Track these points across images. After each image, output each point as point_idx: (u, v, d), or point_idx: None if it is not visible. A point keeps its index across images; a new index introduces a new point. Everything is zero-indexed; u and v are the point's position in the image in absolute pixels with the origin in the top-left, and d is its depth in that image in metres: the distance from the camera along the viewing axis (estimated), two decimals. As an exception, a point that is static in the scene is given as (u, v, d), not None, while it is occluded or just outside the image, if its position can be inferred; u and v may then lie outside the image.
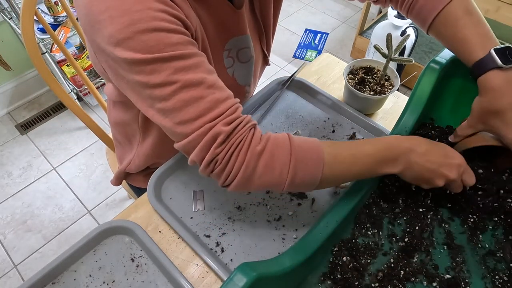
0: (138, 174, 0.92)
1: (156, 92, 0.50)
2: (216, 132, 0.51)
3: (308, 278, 0.57)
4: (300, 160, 0.53)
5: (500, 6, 1.67)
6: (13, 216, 1.62)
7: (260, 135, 0.54)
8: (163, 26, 0.48)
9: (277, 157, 0.53)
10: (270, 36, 0.78)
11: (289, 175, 0.53)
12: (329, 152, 0.55)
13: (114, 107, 0.80)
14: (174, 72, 0.49)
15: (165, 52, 0.48)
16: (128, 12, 0.47)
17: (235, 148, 0.52)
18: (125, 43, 0.47)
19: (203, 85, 0.50)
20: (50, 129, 1.94)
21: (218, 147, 0.51)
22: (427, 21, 0.63)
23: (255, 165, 0.52)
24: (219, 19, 0.63)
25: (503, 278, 0.57)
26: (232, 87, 0.74)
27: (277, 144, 0.54)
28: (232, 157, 0.52)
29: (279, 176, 0.53)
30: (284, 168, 0.53)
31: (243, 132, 0.53)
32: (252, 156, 0.52)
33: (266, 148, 0.53)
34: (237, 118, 0.53)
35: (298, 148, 0.54)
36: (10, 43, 1.83)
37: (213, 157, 0.52)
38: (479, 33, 0.58)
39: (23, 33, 0.82)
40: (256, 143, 0.53)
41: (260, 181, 0.54)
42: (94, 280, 0.62)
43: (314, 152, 0.54)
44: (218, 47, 0.67)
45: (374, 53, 1.98)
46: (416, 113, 0.67)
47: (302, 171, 0.54)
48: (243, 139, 0.52)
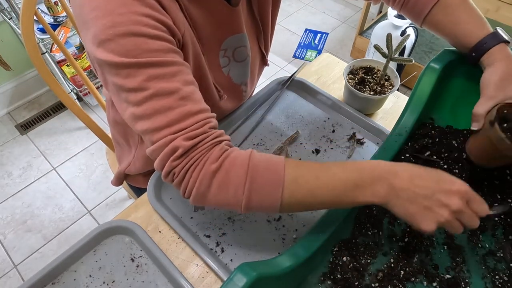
0: (138, 174, 0.92)
1: (130, 96, 0.50)
2: (175, 146, 0.50)
3: (308, 278, 0.57)
4: (256, 182, 0.50)
5: (500, 6, 1.67)
6: (13, 216, 1.62)
7: (221, 153, 0.52)
8: (144, 31, 0.48)
9: (232, 177, 0.50)
10: (268, 35, 0.77)
11: (244, 196, 0.50)
12: (291, 173, 0.51)
13: (113, 108, 0.80)
14: (148, 79, 0.48)
15: (141, 58, 0.48)
16: (111, 13, 0.47)
17: (192, 164, 0.51)
18: (106, 44, 0.47)
19: (175, 95, 0.50)
20: (50, 129, 1.94)
21: (175, 160, 0.51)
22: (423, 12, 0.66)
23: (208, 184, 0.51)
24: (215, 18, 0.62)
25: (503, 278, 0.57)
26: (227, 85, 0.74)
27: (234, 163, 0.51)
28: (188, 173, 0.51)
29: (234, 197, 0.51)
30: (239, 189, 0.50)
31: (203, 148, 0.51)
32: (206, 175, 0.50)
33: (222, 167, 0.51)
34: (202, 134, 0.51)
35: (255, 168, 0.50)
36: (10, 43, 1.83)
37: (170, 169, 0.51)
38: (477, 15, 0.62)
39: (23, 33, 0.82)
40: (212, 161, 0.51)
41: (215, 200, 0.52)
42: (94, 280, 0.62)
43: (273, 173, 0.51)
44: (214, 47, 0.67)
45: (374, 53, 1.98)
46: (416, 113, 0.67)
47: (258, 194, 0.50)
48: (201, 156, 0.51)
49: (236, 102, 0.82)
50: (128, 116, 0.52)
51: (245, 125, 0.85)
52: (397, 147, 0.66)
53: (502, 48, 0.59)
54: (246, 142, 0.81)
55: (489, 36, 0.60)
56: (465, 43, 0.63)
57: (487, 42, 0.60)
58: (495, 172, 0.65)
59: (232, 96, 0.78)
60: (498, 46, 0.59)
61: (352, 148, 0.79)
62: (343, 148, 0.80)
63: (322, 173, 0.51)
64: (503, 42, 0.59)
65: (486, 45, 0.60)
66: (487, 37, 0.60)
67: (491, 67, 0.59)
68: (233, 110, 0.85)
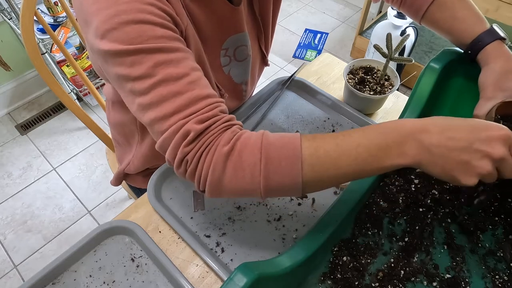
0: (138, 175, 0.92)
1: (136, 85, 0.48)
2: (186, 130, 0.47)
3: (308, 278, 0.57)
4: (272, 159, 0.47)
5: (500, 6, 1.67)
6: (13, 217, 1.62)
7: (233, 135, 0.49)
8: (149, 19, 0.47)
9: (246, 158, 0.47)
10: (268, 35, 0.77)
11: (262, 177, 0.47)
12: (308, 147, 0.47)
13: (113, 108, 0.81)
14: (154, 65, 0.47)
15: (147, 44, 0.47)
16: (115, 3, 0.46)
17: (205, 148, 0.48)
18: (109, 34, 0.47)
19: (183, 81, 0.48)
20: (50, 130, 1.94)
21: (188, 145, 0.48)
22: (421, 9, 0.67)
23: (223, 167, 0.48)
24: (217, 17, 0.62)
25: (503, 277, 0.57)
26: (228, 85, 0.74)
27: (247, 143, 0.48)
28: (201, 158, 0.48)
29: (251, 179, 0.47)
30: (255, 168, 0.47)
31: (216, 131, 0.49)
32: (219, 157, 0.47)
33: (235, 149, 0.48)
34: (214, 116, 0.49)
35: (269, 146, 0.47)
36: (10, 44, 1.83)
37: (183, 156, 0.49)
38: (474, 12, 0.62)
39: (23, 34, 0.82)
40: (225, 143, 0.48)
41: (231, 185, 0.48)
42: (94, 280, 0.62)
43: (289, 148, 0.47)
44: (215, 46, 0.67)
45: (374, 53, 1.98)
46: (416, 113, 0.67)
47: (276, 171, 0.47)
48: (213, 140, 0.48)
49: (236, 102, 0.82)
50: (136, 108, 0.50)
51: (245, 125, 0.85)
52: (397, 147, 0.66)
53: (498, 45, 0.59)
54: (246, 142, 0.81)
55: (485, 33, 0.60)
56: (461, 41, 0.63)
57: (482, 40, 0.60)
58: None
59: (233, 95, 0.78)
60: (493, 44, 0.59)
61: (352, 148, 0.79)
62: (343, 148, 0.80)
63: (342, 141, 0.47)
64: (498, 39, 0.59)
65: (481, 42, 0.60)
66: (482, 34, 0.60)
67: (487, 66, 0.59)
68: (234, 109, 0.85)
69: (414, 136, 0.44)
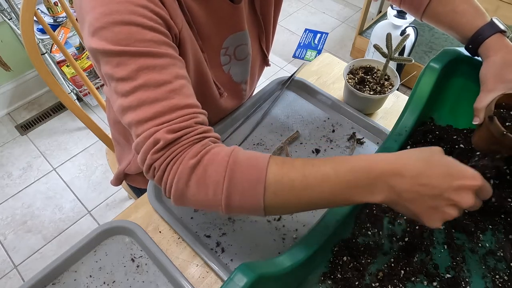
0: (138, 175, 0.92)
1: (119, 86, 0.49)
2: (157, 138, 0.48)
3: (308, 278, 0.57)
4: (235, 180, 0.46)
5: (499, 6, 1.67)
6: (13, 217, 1.62)
7: (202, 149, 0.49)
8: (139, 21, 0.48)
9: (210, 174, 0.47)
10: (270, 34, 0.77)
11: (224, 196, 0.46)
12: (275, 172, 0.46)
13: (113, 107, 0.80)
14: (138, 68, 0.48)
15: (133, 47, 0.47)
16: (109, 2, 0.47)
17: (172, 159, 0.48)
18: (100, 32, 0.47)
19: (163, 88, 0.49)
20: (50, 130, 1.94)
21: (156, 153, 0.48)
22: (422, 5, 0.67)
23: (186, 180, 0.48)
24: (217, 16, 0.62)
25: (504, 277, 0.57)
26: (228, 84, 0.74)
27: (214, 159, 0.47)
28: (168, 167, 0.49)
29: (213, 196, 0.47)
30: (218, 187, 0.47)
31: (186, 142, 0.49)
32: (184, 170, 0.47)
33: (201, 163, 0.47)
34: (185, 128, 0.49)
35: (235, 166, 0.47)
36: (10, 44, 1.83)
37: (151, 162, 0.49)
38: (475, 6, 0.63)
39: (23, 34, 0.82)
40: (192, 156, 0.48)
41: (194, 199, 0.49)
42: (94, 281, 0.62)
43: (254, 170, 0.46)
44: (215, 45, 0.67)
45: (374, 52, 1.98)
46: (416, 113, 0.67)
47: (238, 193, 0.46)
48: (182, 151, 0.48)
49: (236, 101, 0.82)
50: (117, 107, 0.51)
51: (245, 125, 0.85)
52: (397, 147, 0.66)
53: (498, 38, 0.59)
54: (246, 142, 0.81)
55: (485, 27, 0.60)
56: (462, 35, 0.63)
57: (483, 33, 0.60)
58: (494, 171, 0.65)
59: (232, 94, 0.78)
60: (494, 37, 0.59)
61: (352, 148, 0.79)
62: (343, 148, 0.80)
63: (309, 173, 0.46)
64: (499, 32, 0.59)
65: (482, 36, 0.60)
66: (483, 27, 0.60)
67: (488, 59, 0.59)
68: (233, 109, 0.85)
69: (385, 179, 0.44)
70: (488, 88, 0.58)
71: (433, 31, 2.12)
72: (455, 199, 0.42)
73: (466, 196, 0.43)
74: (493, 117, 0.54)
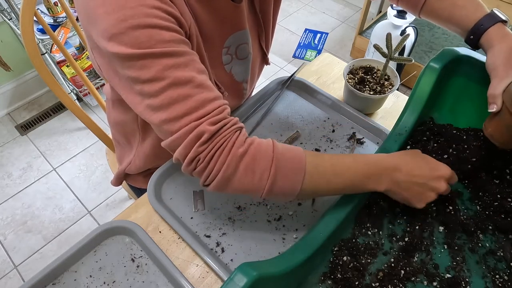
0: (138, 175, 0.92)
1: (146, 88, 0.50)
2: (200, 131, 0.51)
3: (308, 278, 0.57)
4: (281, 167, 0.53)
5: (499, 6, 1.67)
6: (13, 217, 1.62)
7: (245, 138, 0.54)
8: (156, 23, 0.48)
9: (259, 162, 0.52)
10: (269, 33, 0.77)
11: (269, 181, 0.53)
12: (311, 162, 0.55)
13: (113, 107, 0.80)
14: (164, 68, 0.49)
15: (156, 48, 0.48)
16: (122, 7, 0.47)
17: (218, 148, 0.52)
18: (118, 38, 0.48)
19: (191, 84, 0.51)
20: (50, 130, 1.94)
21: (201, 145, 0.51)
22: (420, 1, 0.67)
23: (235, 167, 0.52)
24: (219, 15, 0.63)
25: (504, 277, 0.57)
26: (229, 83, 0.74)
27: (260, 149, 0.53)
28: (214, 157, 0.52)
29: (259, 181, 0.53)
30: (265, 173, 0.52)
31: (227, 133, 0.52)
32: (234, 158, 0.52)
33: (249, 152, 0.53)
34: (223, 119, 0.53)
35: (280, 156, 0.53)
36: (10, 44, 1.83)
37: (195, 155, 0.52)
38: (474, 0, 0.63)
39: (23, 34, 0.82)
40: (239, 145, 0.53)
41: (239, 184, 0.53)
42: (94, 281, 0.62)
43: (297, 161, 0.54)
44: (217, 45, 0.67)
45: (373, 52, 1.98)
46: (416, 113, 0.67)
47: (283, 179, 0.53)
48: (226, 140, 0.52)
49: (236, 100, 0.82)
50: (143, 108, 0.53)
51: (245, 125, 0.85)
52: (397, 147, 0.66)
53: (500, 27, 0.59)
54: (246, 142, 0.81)
55: (486, 17, 0.60)
56: (463, 27, 0.63)
57: (484, 23, 0.60)
58: (495, 172, 0.65)
59: (233, 94, 0.78)
60: (495, 26, 0.59)
61: (352, 148, 0.80)
62: (343, 148, 0.80)
63: (337, 163, 0.56)
64: (500, 22, 0.60)
65: (483, 26, 0.60)
66: (483, 18, 0.60)
67: (492, 49, 0.59)
68: (234, 109, 0.85)
69: (388, 172, 0.57)
70: (500, 75, 0.57)
71: (433, 31, 2.12)
72: (434, 185, 0.57)
73: (441, 183, 0.58)
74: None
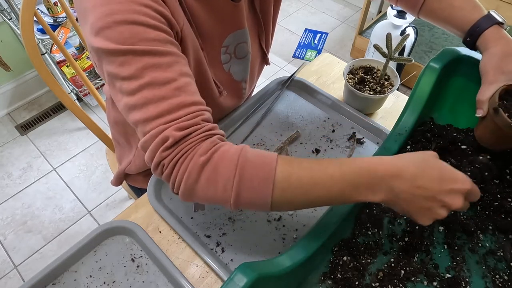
0: (138, 175, 0.92)
1: (124, 85, 0.49)
2: (165, 136, 0.48)
3: (308, 278, 0.57)
4: (245, 178, 0.48)
5: (499, 6, 1.67)
6: (13, 217, 1.62)
7: (212, 146, 0.50)
8: (142, 20, 0.48)
9: (221, 171, 0.49)
10: (269, 32, 0.77)
11: (233, 192, 0.48)
12: (283, 171, 0.48)
13: (113, 107, 0.80)
14: (143, 67, 0.48)
15: (138, 46, 0.48)
16: (110, 2, 0.47)
17: (181, 156, 0.49)
18: (103, 32, 0.47)
19: (169, 86, 0.49)
20: (50, 130, 1.94)
21: (165, 151, 0.49)
22: (418, 2, 0.67)
23: (197, 177, 0.49)
24: (217, 14, 0.62)
25: (504, 277, 0.57)
26: (228, 82, 0.74)
27: (224, 157, 0.49)
28: (177, 164, 0.50)
29: (223, 192, 0.49)
30: (228, 184, 0.48)
31: (194, 140, 0.50)
32: (194, 167, 0.49)
33: (211, 160, 0.49)
34: (193, 125, 0.50)
35: (245, 164, 0.48)
36: (10, 44, 1.83)
37: (159, 160, 0.50)
38: (472, 1, 0.63)
39: (23, 34, 0.82)
40: (202, 153, 0.49)
41: (203, 194, 0.50)
42: (94, 281, 0.62)
43: (264, 170, 0.48)
44: (215, 43, 0.67)
45: (373, 52, 1.98)
46: (416, 113, 0.67)
47: (248, 190, 0.48)
48: (191, 148, 0.49)
49: (236, 100, 0.82)
50: (122, 106, 0.52)
51: (245, 125, 0.85)
52: (397, 147, 0.66)
53: (496, 30, 0.60)
54: (246, 142, 0.81)
55: (482, 19, 0.60)
56: (460, 28, 0.63)
57: (480, 25, 0.60)
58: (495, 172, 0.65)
59: (232, 93, 0.78)
60: (491, 29, 0.59)
61: (352, 148, 0.80)
62: (343, 148, 0.80)
63: (316, 172, 0.49)
64: (496, 24, 0.60)
65: (480, 28, 0.60)
66: (480, 20, 0.60)
67: (487, 52, 0.59)
68: (233, 108, 0.85)
69: (386, 181, 0.47)
70: (489, 80, 0.57)
71: (433, 31, 2.12)
72: (446, 201, 0.46)
73: (456, 198, 0.46)
74: (499, 109, 0.54)
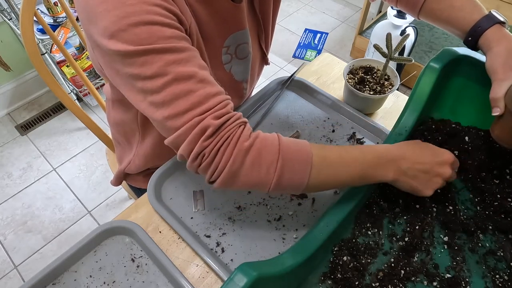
0: (138, 175, 0.92)
1: (148, 84, 0.50)
2: (205, 125, 0.50)
3: (308, 278, 0.57)
4: (287, 160, 0.53)
5: (499, 6, 1.67)
6: (13, 217, 1.62)
7: (250, 132, 0.54)
8: (157, 20, 0.49)
9: (265, 155, 0.52)
10: (269, 33, 0.78)
11: (276, 174, 0.52)
12: (318, 154, 0.54)
13: (113, 107, 0.80)
14: (165, 64, 0.49)
15: (157, 44, 0.48)
16: (123, 5, 0.47)
17: (223, 143, 0.51)
18: (119, 35, 0.48)
19: (194, 79, 0.51)
20: (50, 130, 1.94)
21: (206, 140, 0.51)
22: (418, 3, 0.67)
23: (242, 161, 0.52)
24: (219, 16, 0.63)
25: (504, 277, 0.57)
26: (229, 82, 0.74)
27: (266, 142, 0.53)
28: (220, 151, 0.51)
29: (266, 175, 0.52)
30: (271, 167, 0.52)
31: (232, 127, 0.52)
32: (240, 152, 0.51)
33: (254, 145, 0.52)
34: (227, 113, 0.52)
35: (286, 149, 0.53)
36: (10, 44, 1.83)
37: (200, 150, 0.51)
38: (472, 1, 0.64)
39: (23, 34, 0.82)
40: (245, 139, 0.52)
41: (246, 179, 0.53)
42: (94, 281, 0.62)
43: (303, 153, 0.54)
44: (217, 44, 0.67)
45: (373, 52, 1.98)
46: (416, 113, 0.67)
47: (289, 172, 0.53)
48: (231, 134, 0.52)
49: (236, 100, 0.82)
50: (146, 106, 0.52)
51: (245, 125, 0.85)
52: (397, 147, 0.66)
53: (498, 29, 0.60)
54: (246, 142, 0.81)
55: (483, 19, 0.60)
56: (461, 28, 0.63)
57: (482, 25, 0.60)
58: (495, 172, 0.65)
59: (233, 93, 0.78)
60: (493, 28, 0.60)
61: (352, 148, 0.80)
62: (343, 148, 0.80)
63: (344, 155, 0.56)
64: (498, 23, 0.60)
65: (481, 28, 0.60)
66: (481, 20, 0.60)
67: (491, 51, 0.59)
68: (234, 109, 0.85)
69: (395, 162, 0.57)
70: (500, 77, 0.57)
71: (433, 31, 2.12)
72: (440, 171, 0.58)
73: (447, 168, 0.58)
74: None
